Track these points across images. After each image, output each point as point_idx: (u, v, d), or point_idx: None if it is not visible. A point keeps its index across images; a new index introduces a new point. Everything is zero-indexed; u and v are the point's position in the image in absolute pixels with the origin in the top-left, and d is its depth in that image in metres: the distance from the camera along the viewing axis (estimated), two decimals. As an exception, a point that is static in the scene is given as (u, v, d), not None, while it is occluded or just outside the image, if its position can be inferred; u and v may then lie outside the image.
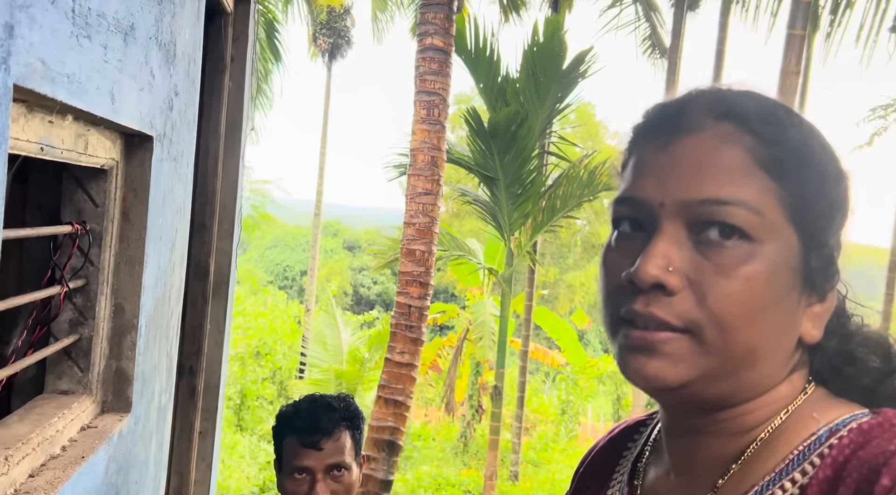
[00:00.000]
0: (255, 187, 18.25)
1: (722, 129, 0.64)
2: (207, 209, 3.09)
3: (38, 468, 1.33)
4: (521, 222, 10.90)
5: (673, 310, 0.62)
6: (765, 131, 0.63)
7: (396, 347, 7.13)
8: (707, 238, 0.63)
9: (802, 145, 0.65)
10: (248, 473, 10.42)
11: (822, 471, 0.61)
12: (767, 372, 0.66)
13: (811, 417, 0.66)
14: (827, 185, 0.66)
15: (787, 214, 0.63)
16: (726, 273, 0.62)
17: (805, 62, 10.65)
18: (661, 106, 0.69)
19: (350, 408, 1.74)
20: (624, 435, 0.85)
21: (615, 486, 0.79)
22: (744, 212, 0.62)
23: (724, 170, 0.63)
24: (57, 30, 1.11)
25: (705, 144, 0.64)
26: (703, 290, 0.62)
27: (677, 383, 0.63)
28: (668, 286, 0.62)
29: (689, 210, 0.63)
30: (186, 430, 3.12)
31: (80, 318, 1.63)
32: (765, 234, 0.62)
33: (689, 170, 0.63)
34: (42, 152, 1.24)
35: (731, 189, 0.62)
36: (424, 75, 7.20)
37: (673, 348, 0.63)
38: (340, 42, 19.27)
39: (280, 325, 18.22)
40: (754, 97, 0.66)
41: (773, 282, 0.62)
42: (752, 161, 0.63)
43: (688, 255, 0.63)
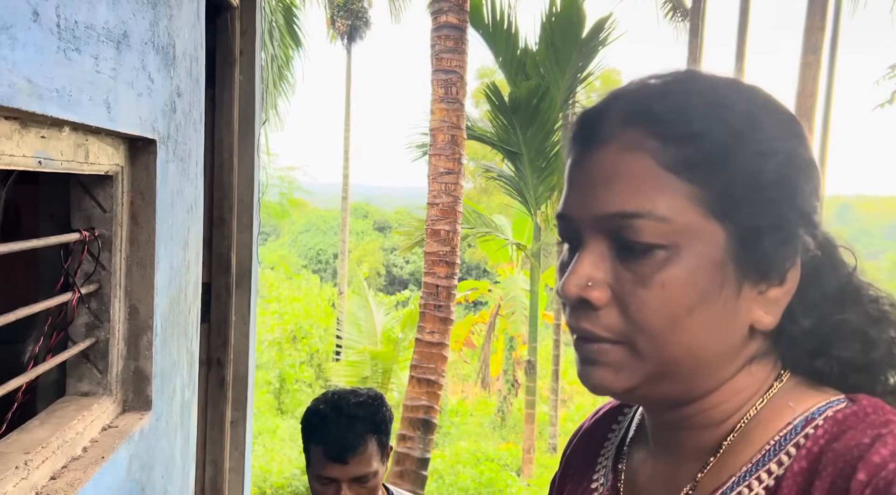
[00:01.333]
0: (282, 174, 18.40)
1: (628, 137, 0.64)
2: (225, 203, 3.13)
3: (58, 470, 1.38)
4: (547, 195, 10.85)
5: (600, 324, 0.64)
6: (670, 131, 0.62)
7: (426, 327, 7.19)
8: (626, 249, 0.63)
9: (719, 135, 0.62)
10: (289, 456, 10.63)
11: (797, 463, 0.62)
12: (714, 367, 0.65)
13: (786, 406, 0.66)
14: (762, 165, 0.63)
15: (706, 211, 0.62)
16: (643, 282, 0.62)
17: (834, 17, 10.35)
18: (583, 115, 0.69)
19: (377, 415, 1.76)
20: (608, 416, 0.85)
21: (600, 470, 0.80)
22: (650, 223, 0.62)
23: (628, 181, 0.63)
24: (42, 46, 1.13)
25: (611, 155, 0.64)
26: (625, 301, 0.63)
27: (622, 389, 0.65)
28: (590, 301, 0.64)
29: (604, 224, 0.64)
30: (217, 421, 3.20)
31: (95, 322, 1.68)
32: (678, 238, 0.62)
33: (599, 185, 0.64)
34: (40, 166, 1.27)
35: (634, 200, 0.62)
36: (440, 53, 7.16)
37: (610, 358, 0.64)
38: (358, 23, 19.22)
39: (315, 309, 18.46)
40: (672, 91, 0.65)
41: (693, 284, 0.62)
42: (657, 166, 0.62)
43: (610, 267, 0.64)
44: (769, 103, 0.66)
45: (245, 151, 3.30)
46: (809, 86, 8.03)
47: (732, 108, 0.63)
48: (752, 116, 0.64)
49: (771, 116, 0.65)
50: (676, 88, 0.65)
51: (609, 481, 0.77)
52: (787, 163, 0.64)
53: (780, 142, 0.64)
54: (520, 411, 15.00)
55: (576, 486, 0.81)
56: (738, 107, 0.64)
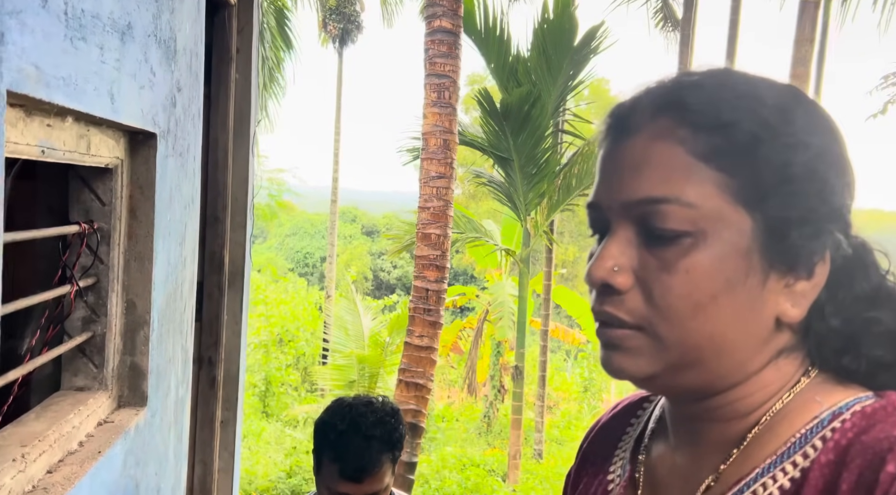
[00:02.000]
0: (271, 176, 18.33)
1: (657, 126, 0.65)
2: (219, 202, 3.12)
3: (55, 464, 1.36)
4: (536, 202, 10.87)
5: (623, 308, 0.65)
6: (701, 120, 0.64)
7: (415, 331, 7.17)
8: (653, 235, 0.64)
9: (750, 125, 0.63)
10: (274, 459, 10.56)
11: (824, 455, 0.61)
12: (739, 359, 0.65)
13: (813, 400, 0.65)
14: (792, 157, 0.63)
15: (734, 199, 0.63)
16: (668, 267, 0.63)
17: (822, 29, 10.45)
18: (615, 108, 0.71)
19: (394, 434, 1.76)
20: (627, 410, 0.85)
21: (618, 463, 0.79)
22: (676, 209, 0.63)
23: (657, 168, 0.64)
24: (50, 33, 1.12)
25: (641, 144, 0.65)
26: (649, 287, 0.64)
27: (643, 375, 0.66)
28: (614, 286, 0.65)
29: (632, 211, 0.65)
30: (208, 420, 3.17)
31: (92, 316, 1.66)
32: (705, 225, 0.63)
33: (628, 172, 0.66)
34: (43, 155, 1.26)
35: (662, 186, 0.63)
36: (434, 58, 7.16)
37: (631, 343, 0.65)
38: (350, 27, 19.21)
39: (302, 312, 18.37)
40: (701, 83, 0.66)
41: (718, 271, 0.63)
42: (686, 154, 0.63)
43: (636, 254, 0.65)
44: (802, 99, 0.67)
45: (240, 150, 3.28)
46: (799, 96, 8.08)
47: (764, 100, 0.64)
48: (784, 109, 0.64)
49: (804, 111, 0.66)
50: (709, 81, 0.66)
51: (626, 473, 0.77)
52: (818, 157, 0.64)
53: (812, 137, 0.65)
54: (506, 417, 14.98)
55: (592, 478, 0.81)
56: (769, 100, 0.64)
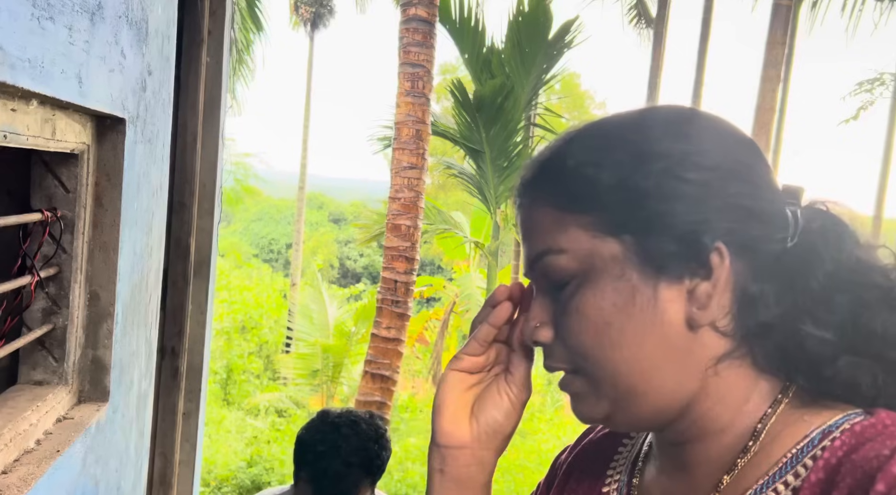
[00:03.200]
0: (238, 160, 18.06)
1: (533, 192, 0.72)
2: (187, 188, 3.03)
3: (10, 464, 1.30)
4: (507, 195, 10.86)
5: (556, 357, 0.70)
6: (559, 175, 0.70)
7: (383, 322, 7.13)
8: (552, 286, 0.70)
9: (598, 163, 0.67)
10: (235, 448, 10.45)
11: (814, 474, 0.61)
12: (669, 375, 0.66)
13: (801, 420, 0.65)
14: (639, 180, 0.66)
15: (598, 232, 0.67)
16: (565, 311, 0.68)
17: (791, 32, 10.60)
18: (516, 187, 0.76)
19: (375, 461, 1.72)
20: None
21: (612, 484, 0.79)
22: (556, 257, 0.68)
23: (536, 228, 0.70)
24: (15, 13, 1.05)
25: (526, 212, 0.72)
26: (562, 335, 0.69)
27: (599, 416, 0.70)
28: (539, 342, 0.71)
29: (534, 268, 0.71)
30: (169, 412, 3.10)
31: (53, 307, 1.59)
32: (582, 265, 0.67)
33: (523, 236, 0.73)
34: (6, 140, 1.19)
35: (541, 241, 0.70)
36: (408, 47, 7.10)
37: (576, 388, 0.70)
38: (323, 11, 18.98)
39: (266, 299, 18.18)
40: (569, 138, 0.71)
41: (602, 300, 0.66)
42: (554, 210, 0.69)
43: (551, 306, 0.70)
44: (658, 112, 0.72)
45: (209, 135, 3.20)
46: (769, 99, 8.20)
47: (613, 133, 0.70)
48: (631, 133, 0.69)
49: (658, 123, 0.69)
50: (561, 142, 0.72)
51: (624, 491, 0.77)
52: (678, 164, 0.66)
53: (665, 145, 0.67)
54: (469, 408, 15.00)
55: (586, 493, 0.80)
56: (620, 130, 0.70)
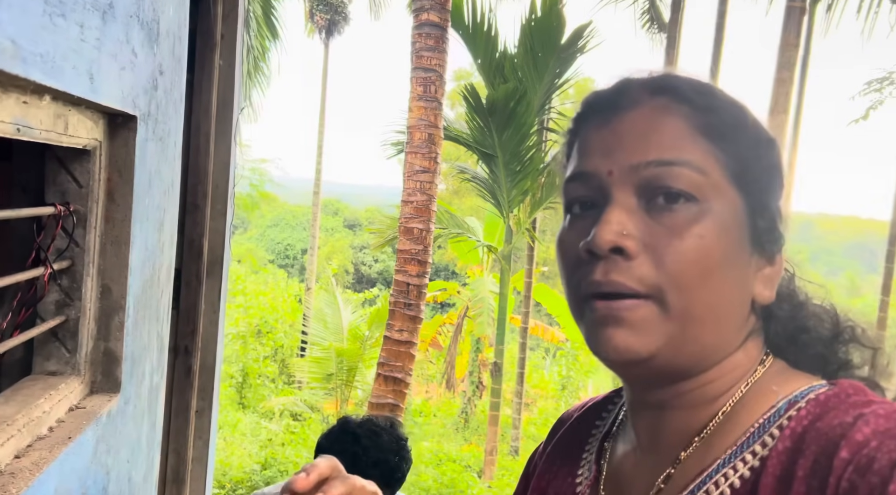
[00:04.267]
0: (254, 166, 18.20)
1: (659, 102, 0.67)
2: (199, 189, 3.08)
3: (23, 449, 1.34)
4: (520, 199, 10.88)
5: (633, 275, 0.63)
6: (698, 100, 0.67)
7: (395, 325, 7.16)
8: (656, 203, 0.65)
9: (734, 112, 0.68)
10: (249, 450, 10.51)
11: (781, 443, 0.62)
12: (726, 336, 0.67)
13: (770, 390, 0.67)
14: (761, 150, 0.68)
15: (728, 176, 0.66)
16: (679, 233, 0.63)
17: (806, 35, 10.55)
18: (597, 92, 0.73)
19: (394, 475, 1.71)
20: (592, 412, 0.85)
21: (584, 465, 0.80)
22: (688, 172, 0.64)
23: (666, 136, 0.66)
24: (28, 8, 1.09)
25: (645, 116, 0.67)
26: (659, 253, 0.63)
27: (647, 353, 0.64)
28: (625, 249, 0.63)
29: (637, 174, 0.65)
30: (182, 409, 3.14)
31: (66, 299, 1.63)
32: (710, 193, 0.65)
33: (634, 139, 0.66)
34: (19, 133, 1.23)
35: (674, 151, 0.65)
36: (421, 51, 7.14)
37: (639, 315, 0.63)
38: (337, 18, 19.11)
39: (281, 304, 18.27)
40: (685, 75, 0.70)
41: (723, 239, 0.64)
42: (690, 127, 0.66)
43: (640, 221, 0.65)
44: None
45: (222, 137, 3.25)
46: (782, 102, 8.17)
47: (736, 99, 0.70)
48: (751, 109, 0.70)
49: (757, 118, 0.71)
50: (683, 74, 0.70)
51: (591, 473, 0.78)
52: (775, 159, 0.70)
53: (770, 140, 0.70)
54: (483, 413, 15.01)
55: (561, 480, 0.81)
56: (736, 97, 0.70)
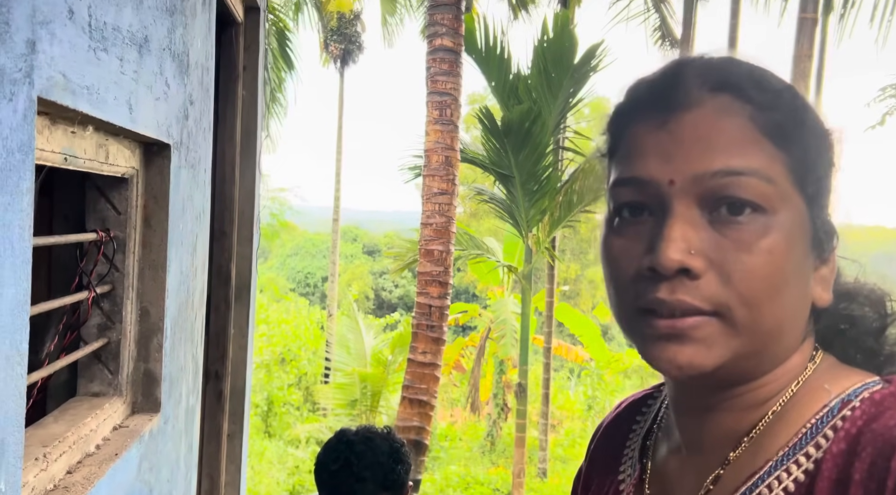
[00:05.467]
0: (273, 195, 18.42)
1: (720, 102, 0.62)
2: (226, 215, 3.16)
3: (74, 465, 1.39)
4: (538, 219, 10.90)
5: (700, 294, 0.60)
6: (762, 98, 0.62)
7: (418, 347, 7.19)
8: (721, 214, 0.61)
9: (796, 109, 0.64)
10: (277, 478, 10.52)
11: (835, 445, 0.60)
12: (788, 344, 0.65)
13: (822, 388, 0.65)
14: (822, 145, 0.65)
15: (794, 181, 0.62)
16: (747, 248, 0.60)
17: (819, 45, 10.56)
18: (648, 83, 0.67)
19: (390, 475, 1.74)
20: (631, 409, 0.84)
21: (626, 462, 0.78)
22: (757, 182, 0.60)
23: (731, 142, 0.61)
24: (75, 44, 1.16)
25: (707, 118, 0.62)
26: (727, 269, 0.60)
27: (712, 367, 0.61)
28: (693, 270, 0.60)
29: (701, 185, 0.61)
30: (215, 434, 3.19)
31: (107, 322, 1.69)
32: (777, 204, 0.61)
33: (696, 145, 0.61)
34: (66, 162, 1.30)
35: (741, 159, 0.60)
36: (435, 76, 7.25)
37: (704, 333, 0.61)
38: (352, 47, 19.39)
39: (303, 331, 18.36)
40: (744, 65, 0.65)
41: (791, 251, 0.61)
42: (755, 130, 0.61)
43: (705, 235, 0.61)
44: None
45: (246, 165, 3.33)
46: (797, 112, 8.15)
47: (798, 91, 0.65)
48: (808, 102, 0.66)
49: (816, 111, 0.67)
50: (746, 63, 0.65)
51: (636, 472, 0.76)
52: (832, 153, 0.66)
53: (827, 133, 0.66)
54: (509, 435, 14.91)
55: (603, 480, 0.80)
56: (793, 86, 0.66)
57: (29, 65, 0.98)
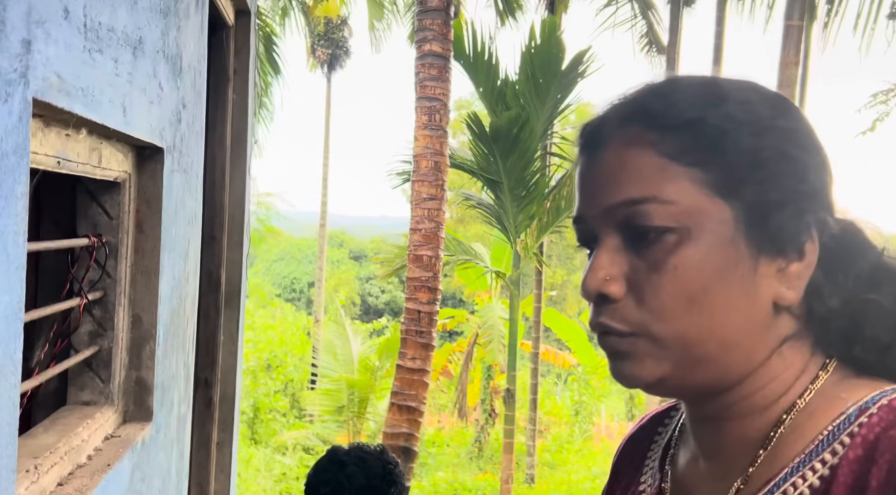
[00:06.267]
0: (260, 200, 18.33)
1: (626, 134, 0.67)
2: (216, 221, 3.12)
3: (65, 476, 1.35)
4: (526, 224, 10.91)
5: (617, 317, 0.66)
6: (667, 122, 0.65)
7: (407, 353, 7.15)
8: (638, 238, 0.65)
9: (714, 122, 0.65)
10: (264, 485, 10.44)
11: (852, 451, 0.61)
12: (743, 349, 0.65)
13: (838, 397, 0.65)
14: (761, 145, 0.65)
15: (711, 191, 0.64)
16: (657, 267, 0.64)
17: (804, 53, 10.67)
18: (584, 126, 0.72)
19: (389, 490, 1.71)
20: (653, 422, 0.85)
21: (647, 473, 0.80)
22: (656, 207, 0.64)
23: (632, 172, 0.66)
24: (71, 44, 1.13)
25: (614, 152, 0.67)
26: (641, 291, 0.65)
27: (652, 379, 0.66)
28: (609, 295, 0.66)
29: (614, 215, 0.66)
30: (204, 442, 3.14)
31: (99, 330, 1.66)
32: (686, 220, 0.64)
33: (606, 180, 0.67)
34: (59, 166, 1.27)
35: (640, 188, 0.65)
36: (424, 81, 7.24)
37: (633, 349, 0.66)
38: (339, 52, 19.37)
39: (290, 338, 18.26)
40: (661, 90, 0.68)
41: (706, 263, 0.64)
42: (658, 155, 0.65)
43: (625, 260, 0.66)
44: (762, 89, 0.69)
45: (237, 169, 3.29)
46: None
47: (724, 95, 0.67)
48: (745, 100, 0.67)
49: (765, 99, 0.68)
50: (669, 86, 0.69)
51: (656, 482, 0.77)
52: (787, 139, 0.66)
53: (776, 121, 0.67)
54: (497, 441, 14.88)
55: (625, 491, 0.81)
56: (730, 94, 0.67)
57: (24, 65, 0.95)
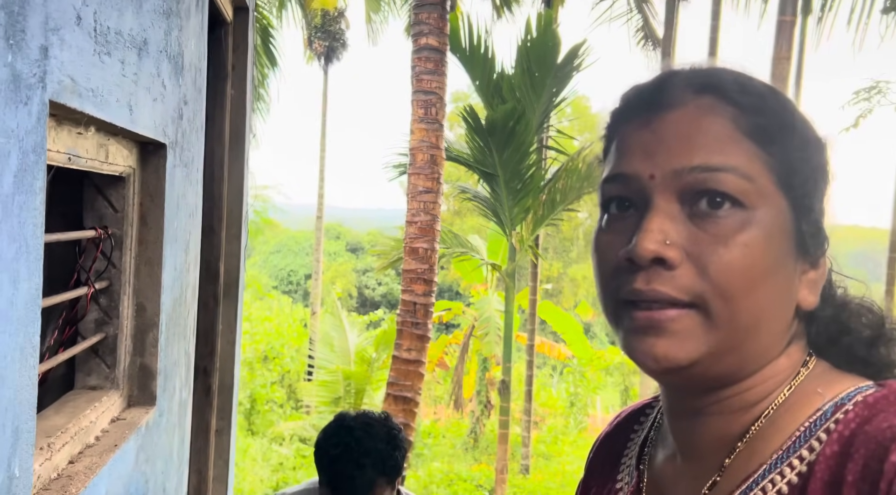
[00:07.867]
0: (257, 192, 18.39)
1: (703, 102, 0.65)
2: (215, 213, 3.19)
3: (76, 455, 1.43)
4: (522, 217, 10.99)
5: (676, 284, 0.61)
6: (745, 101, 0.64)
7: (403, 345, 7.24)
8: (699, 209, 0.63)
9: (782, 113, 0.66)
10: (261, 475, 10.53)
11: (828, 447, 0.61)
12: (769, 343, 0.66)
13: (815, 392, 0.65)
14: (809, 151, 0.66)
15: (775, 180, 0.64)
16: (724, 241, 0.61)
17: (798, 48, 10.73)
18: (638, 87, 0.70)
19: (388, 461, 1.77)
20: (629, 419, 0.85)
21: (624, 470, 0.79)
22: (734, 178, 0.62)
23: (711, 139, 0.63)
24: (82, 48, 1.20)
25: (689, 117, 0.64)
26: (703, 261, 0.61)
27: (687, 361, 0.62)
28: (668, 260, 0.61)
29: (680, 179, 0.63)
30: (203, 429, 3.23)
31: (105, 318, 1.73)
32: (756, 200, 0.62)
33: (677, 142, 0.64)
34: (70, 162, 1.34)
35: (720, 156, 0.62)
36: (421, 75, 7.30)
37: (681, 325, 0.62)
38: (335, 45, 19.37)
39: (286, 329, 18.35)
40: (730, 71, 0.67)
41: (769, 248, 0.62)
42: (736, 129, 0.63)
43: (683, 228, 0.62)
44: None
45: (235, 163, 3.37)
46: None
47: (785, 96, 0.68)
48: (798, 110, 0.68)
49: (804, 115, 0.68)
50: (736, 73, 0.67)
51: (633, 480, 0.77)
52: (824, 159, 0.68)
53: (819, 140, 0.68)
54: (492, 432, 15.00)
55: (601, 488, 0.81)
56: (786, 95, 0.68)
57: (42, 70, 1.03)
